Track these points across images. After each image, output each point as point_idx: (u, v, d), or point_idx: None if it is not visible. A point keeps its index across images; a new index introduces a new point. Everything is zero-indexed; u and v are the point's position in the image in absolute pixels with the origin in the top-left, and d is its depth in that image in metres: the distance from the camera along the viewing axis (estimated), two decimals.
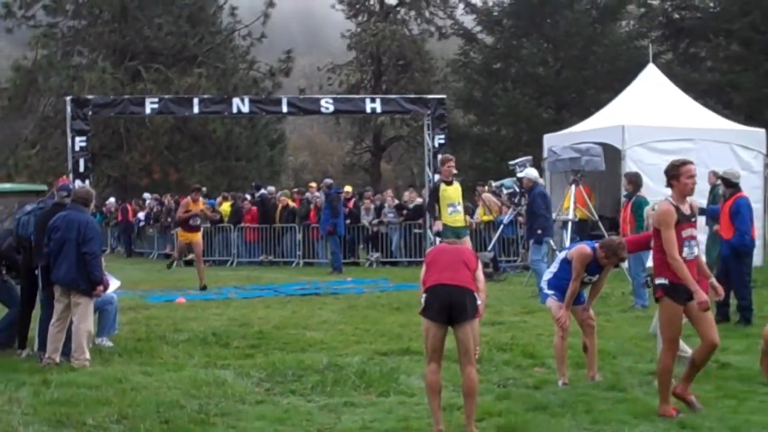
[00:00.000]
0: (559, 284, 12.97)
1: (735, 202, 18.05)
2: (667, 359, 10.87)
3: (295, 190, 42.22)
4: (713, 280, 11.04)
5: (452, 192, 20.59)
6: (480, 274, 10.66)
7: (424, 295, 10.36)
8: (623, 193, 22.61)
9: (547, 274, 13.52)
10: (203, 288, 25.40)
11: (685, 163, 11.08)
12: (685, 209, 10.83)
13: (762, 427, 10.37)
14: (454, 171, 21.97)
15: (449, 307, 10.18)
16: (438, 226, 21.04)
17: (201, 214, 26.67)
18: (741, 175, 19.95)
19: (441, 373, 10.48)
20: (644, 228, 16.95)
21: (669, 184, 11.02)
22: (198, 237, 26.56)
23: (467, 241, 20.02)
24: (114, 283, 16.44)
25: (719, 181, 19.94)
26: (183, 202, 27.23)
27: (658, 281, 10.83)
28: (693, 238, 10.82)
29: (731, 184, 18.27)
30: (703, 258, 12.10)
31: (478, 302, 10.39)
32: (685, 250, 10.66)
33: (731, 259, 17.88)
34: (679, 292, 10.64)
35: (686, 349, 12.61)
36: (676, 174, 10.89)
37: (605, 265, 12.84)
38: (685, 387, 11.16)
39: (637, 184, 20.52)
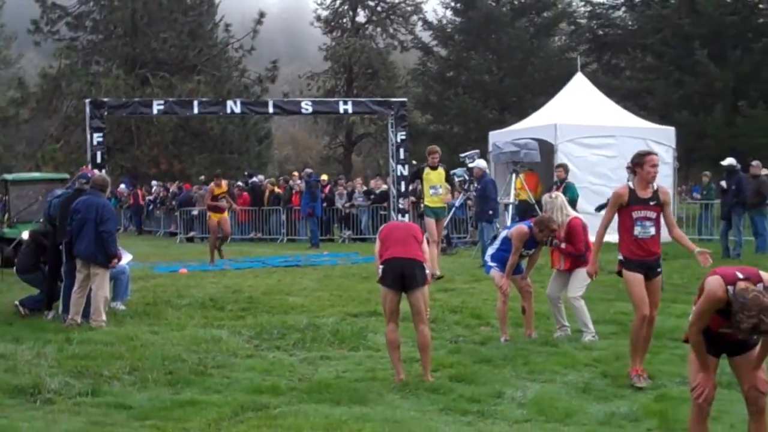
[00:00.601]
0: (501, 257, 12.95)
1: None
2: (637, 321, 10.41)
3: (280, 178, 42.37)
4: (698, 249, 10.32)
5: (434, 176, 20.01)
6: (425, 246, 10.76)
7: (381, 267, 10.46)
8: (554, 180, 22.60)
9: (491, 249, 13.54)
10: (220, 258, 25.22)
11: (649, 153, 10.79)
12: (644, 193, 10.41)
13: (672, 376, 10.42)
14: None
15: (402, 276, 10.32)
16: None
17: (227, 196, 25.83)
18: None
19: (399, 331, 10.61)
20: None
21: (633, 171, 10.72)
22: (226, 216, 25.80)
23: (443, 221, 20.08)
24: (126, 257, 16.41)
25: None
26: (208, 188, 26.65)
27: (618, 257, 10.56)
28: (647, 219, 10.38)
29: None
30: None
31: (427, 271, 10.50)
32: (637, 228, 10.34)
33: None
34: (633, 265, 10.37)
35: (562, 321, 13.26)
36: (641, 162, 10.49)
37: (540, 240, 12.77)
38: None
39: (567, 172, 20.61)
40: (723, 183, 25.47)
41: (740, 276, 6.38)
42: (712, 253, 10.15)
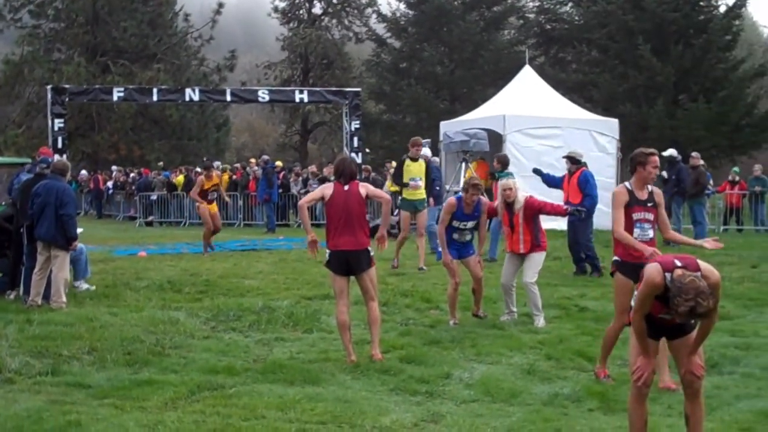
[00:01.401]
0: (448, 241, 12.84)
1: (582, 174, 18.28)
2: (615, 326, 9.72)
3: (235, 165, 42.31)
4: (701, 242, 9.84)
5: (415, 168, 19.66)
6: (373, 189, 11.05)
7: (328, 252, 10.64)
8: (491, 170, 22.55)
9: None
10: (211, 248, 23.09)
11: (653, 153, 9.78)
12: (641, 195, 9.62)
13: (613, 359, 10.47)
14: (422, 152, 21.98)
15: (348, 264, 10.58)
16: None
17: (218, 189, 23.87)
18: (597, 156, 20.19)
19: (349, 312, 10.70)
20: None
21: (633, 170, 9.75)
22: (215, 208, 23.51)
23: (425, 213, 19.83)
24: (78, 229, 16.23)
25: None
26: (198, 180, 24.11)
27: (613, 258, 9.78)
28: (646, 221, 9.61)
29: (576, 161, 18.53)
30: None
31: (372, 254, 10.68)
32: (636, 231, 9.53)
33: (578, 221, 17.95)
34: (628, 269, 9.41)
35: (511, 306, 13.14)
36: (644, 162, 9.60)
37: (469, 203, 12.64)
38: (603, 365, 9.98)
39: (505, 164, 20.53)
40: (664, 173, 25.67)
41: (678, 264, 6.45)
42: (717, 238, 9.88)
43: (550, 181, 19.52)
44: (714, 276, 6.46)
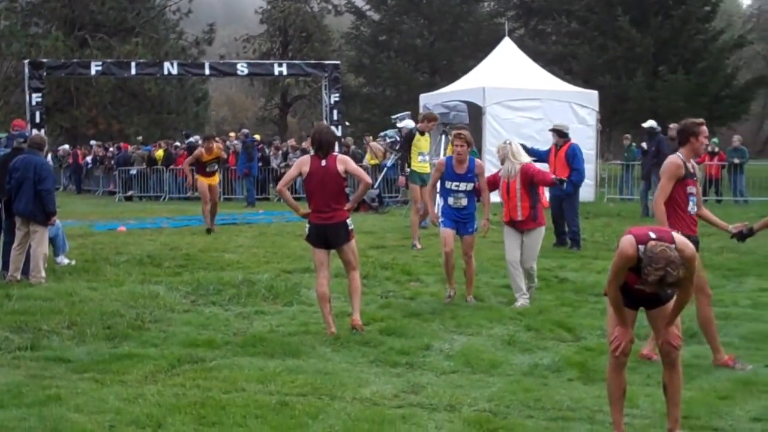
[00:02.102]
0: (444, 212, 12.49)
1: (570, 148, 18.04)
2: (704, 308, 9.33)
3: (217, 138, 42.12)
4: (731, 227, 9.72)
5: (424, 143, 18.99)
6: (353, 167, 10.79)
7: (307, 225, 10.70)
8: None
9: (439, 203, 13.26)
10: (208, 232, 21.25)
11: (703, 122, 9.34)
12: (690, 167, 9.23)
13: (592, 329, 10.55)
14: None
15: (326, 238, 10.63)
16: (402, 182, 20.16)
17: (219, 161, 22.69)
18: (577, 128, 20.21)
19: (329, 284, 10.73)
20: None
21: (685, 141, 9.24)
22: (215, 180, 22.13)
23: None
24: None
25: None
26: (195, 153, 22.51)
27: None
28: (694, 195, 9.26)
29: (563, 134, 18.33)
30: None
31: (351, 227, 10.72)
32: (690, 204, 9.24)
33: (563, 194, 17.89)
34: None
35: (522, 286, 12.22)
36: (696, 132, 9.16)
37: (465, 164, 12.21)
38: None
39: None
40: (644, 144, 25.73)
41: (652, 236, 6.47)
42: (746, 223, 9.74)
43: (536, 155, 19.33)
44: (688, 249, 6.48)
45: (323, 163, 10.54)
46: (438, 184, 12.64)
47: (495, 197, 12.81)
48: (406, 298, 12.83)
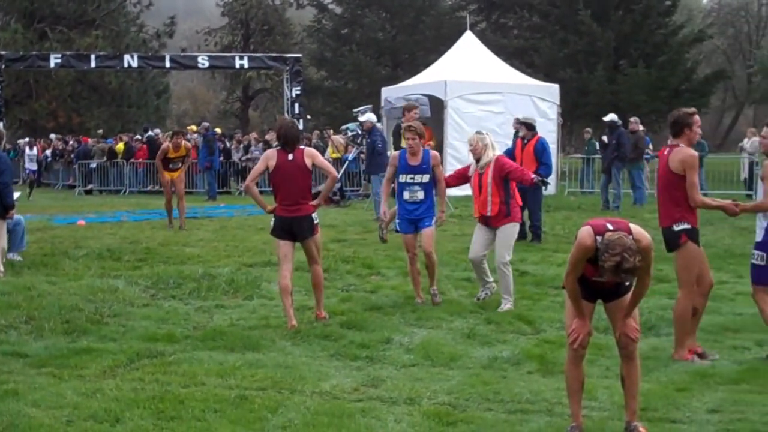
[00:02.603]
0: (400, 213, 12.03)
1: (539, 142, 17.77)
2: (687, 303, 9.16)
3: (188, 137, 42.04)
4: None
5: None
6: (321, 161, 10.96)
7: (272, 219, 10.77)
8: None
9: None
10: (180, 228, 20.73)
11: (695, 112, 9.32)
12: None
13: (552, 321, 10.61)
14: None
15: (292, 231, 10.67)
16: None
17: (185, 160, 21.59)
18: (539, 121, 20.18)
19: (291, 278, 10.76)
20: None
21: (680, 132, 9.15)
22: (178, 175, 21.22)
23: None
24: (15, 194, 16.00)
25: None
26: (163, 147, 21.85)
27: (680, 227, 9.01)
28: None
29: (532, 128, 18.17)
30: None
31: (316, 222, 10.78)
32: None
33: (530, 188, 17.82)
34: (697, 235, 9.07)
35: (486, 278, 11.93)
36: (690, 123, 9.10)
37: (419, 155, 11.72)
38: (693, 341, 9.32)
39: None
40: (604, 138, 25.86)
41: (610, 227, 6.50)
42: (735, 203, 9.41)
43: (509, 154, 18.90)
44: (645, 240, 6.52)
45: (290, 157, 10.59)
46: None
47: (466, 191, 12.68)
48: (367, 292, 12.83)
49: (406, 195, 11.82)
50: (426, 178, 11.75)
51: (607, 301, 6.92)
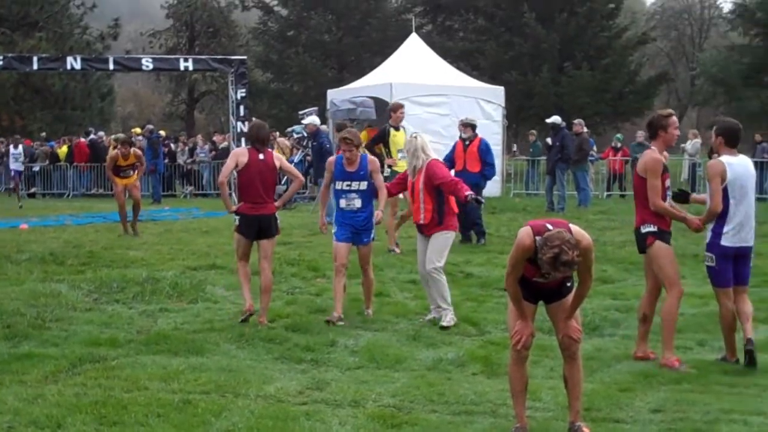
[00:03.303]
0: (338, 220, 11.37)
1: (482, 142, 17.89)
2: (675, 302, 9.04)
3: (122, 134, 41.73)
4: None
5: (400, 138, 17.10)
6: (287, 165, 11.50)
7: (238, 216, 10.99)
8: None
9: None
10: (135, 234, 20.20)
11: (671, 113, 9.26)
12: (664, 159, 9.08)
13: (496, 323, 10.66)
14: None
15: (258, 228, 10.96)
16: (392, 162, 17.22)
17: (137, 167, 21.04)
18: (484, 123, 20.30)
19: (248, 267, 11.14)
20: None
21: (655, 135, 9.13)
22: (131, 181, 20.76)
23: None
24: None
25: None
26: (111, 155, 21.39)
27: (646, 229, 9.01)
28: (669, 189, 9.16)
29: (474, 128, 18.25)
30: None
31: (278, 222, 11.13)
32: (668, 197, 9.11)
33: (474, 188, 17.78)
34: (667, 236, 9.01)
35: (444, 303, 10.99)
36: (665, 125, 9.03)
37: (356, 161, 11.07)
38: (644, 348, 9.34)
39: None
40: (548, 140, 26.03)
41: (549, 227, 6.53)
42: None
43: (448, 159, 18.50)
44: (585, 240, 6.55)
45: (261, 156, 10.88)
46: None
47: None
48: (312, 295, 12.83)
49: (343, 203, 11.23)
50: (363, 185, 11.16)
51: (549, 303, 6.95)
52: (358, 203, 11.15)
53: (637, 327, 9.45)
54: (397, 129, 17.50)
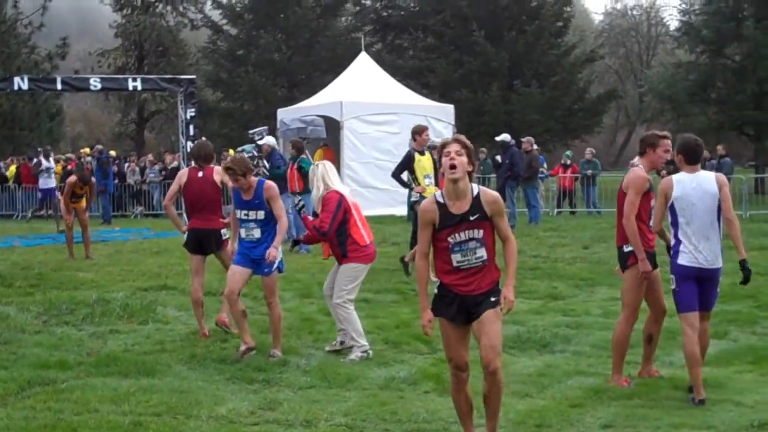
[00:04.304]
0: (239, 248, 10.51)
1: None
2: (626, 327, 8.95)
3: (70, 156, 41.54)
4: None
5: (426, 162, 16.05)
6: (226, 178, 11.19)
7: (186, 233, 11.39)
8: (288, 156, 21.65)
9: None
10: (87, 257, 19.84)
11: (666, 136, 9.05)
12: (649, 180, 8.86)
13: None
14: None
15: (200, 243, 11.35)
16: (420, 189, 15.74)
17: (88, 195, 20.71)
18: (434, 141, 20.23)
19: (203, 290, 11.44)
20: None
21: (643, 152, 8.94)
22: (80, 205, 20.41)
23: None
24: None
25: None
26: (69, 182, 20.52)
27: (628, 249, 8.77)
28: (653, 209, 8.82)
29: (432, 147, 18.08)
30: None
31: (225, 237, 11.35)
32: (652, 219, 8.82)
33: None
34: (650, 258, 8.75)
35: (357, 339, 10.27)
36: (655, 144, 8.87)
37: (251, 190, 10.12)
38: (648, 368, 9.27)
39: (300, 149, 20.17)
40: (498, 157, 26.16)
41: None
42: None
43: None
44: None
45: (200, 174, 11.35)
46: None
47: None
48: (264, 314, 12.69)
49: (242, 233, 10.37)
50: (261, 214, 10.21)
51: (472, 320, 6.90)
52: (257, 233, 10.25)
53: (642, 347, 9.31)
54: (422, 153, 16.21)
